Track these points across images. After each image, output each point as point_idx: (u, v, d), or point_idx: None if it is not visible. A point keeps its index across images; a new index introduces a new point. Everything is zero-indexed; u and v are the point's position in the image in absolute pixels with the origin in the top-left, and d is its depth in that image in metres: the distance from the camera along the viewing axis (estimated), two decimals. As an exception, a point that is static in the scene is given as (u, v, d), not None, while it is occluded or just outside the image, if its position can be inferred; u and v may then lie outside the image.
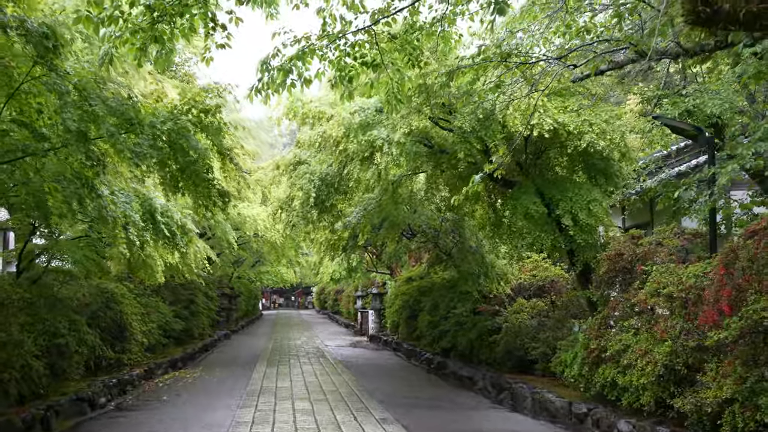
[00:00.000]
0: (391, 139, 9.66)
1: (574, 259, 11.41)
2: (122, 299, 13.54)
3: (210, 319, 24.50)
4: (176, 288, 20.19)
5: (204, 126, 7.92)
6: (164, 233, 8.65)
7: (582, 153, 11.15)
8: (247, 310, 43.99)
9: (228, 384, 14.03)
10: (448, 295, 17.63)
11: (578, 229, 10.78)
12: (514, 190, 11.18)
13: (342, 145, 10.14)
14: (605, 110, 10.62)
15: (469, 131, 9.87)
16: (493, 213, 12.90)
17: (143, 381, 14.01)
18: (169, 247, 9.46)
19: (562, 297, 13.38)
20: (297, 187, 11.37)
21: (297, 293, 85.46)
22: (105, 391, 11.47)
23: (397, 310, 23.01)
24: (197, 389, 13.31)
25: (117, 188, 7.77)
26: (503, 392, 12.49)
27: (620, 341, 9.15)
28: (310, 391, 12.66)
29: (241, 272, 35.19)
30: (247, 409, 10.75)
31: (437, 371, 16.77)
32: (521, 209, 10.81)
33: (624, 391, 8.96)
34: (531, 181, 11.21)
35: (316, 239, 15.09)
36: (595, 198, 10.72)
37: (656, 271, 8.86)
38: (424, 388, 14.04)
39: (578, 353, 10.31)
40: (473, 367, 14.78)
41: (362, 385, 13.77)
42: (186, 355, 18.39)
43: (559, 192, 11.01)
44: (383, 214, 13.21)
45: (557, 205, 10.90)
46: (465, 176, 12.41)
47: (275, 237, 20.52)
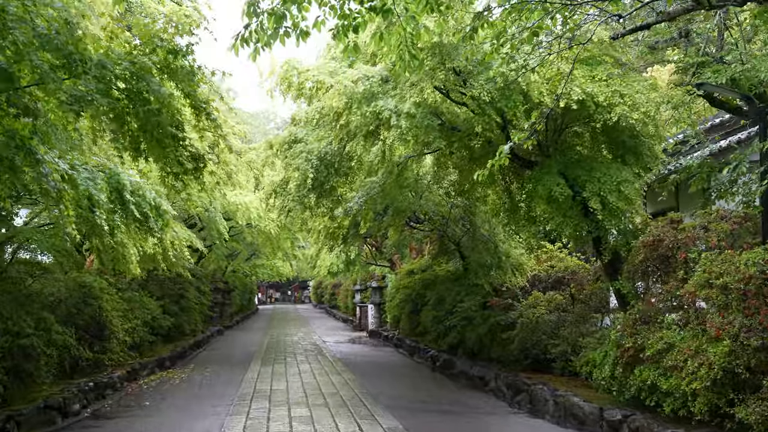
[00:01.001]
0: (399, 110, 8.47)
1: (601, 247, 10.26)
2: (102, 294, 12.36)
3: (202, 314, 23.34)
4: (164, 282, 19.03)
5: (172, 70, 6.57)
6: (134, 215, 7.38)
7: (608, 129, 10.03)
8: (242, 304, 42.84)
9: (219, 386, 12.88)
10: (455, 288, 16.51)
11: (607, 214, 9.64)
12: (534, 171, 10.02)
13: (343, 119, 8.96)
14: (638, 80, 9.47)
15: (488, 102, 8.70)
16: (508, 197, 11.74)
17: (126, 383, 12.86)
18: (141, 233, 8.21)
19: (584, 289, 12.23)
20: (293, 167, 10.17)
21: (293, 287, 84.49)
22: (79, 397, 10.30)
23: (398, 305, 21.89)
24: (184, 392, 12.16)
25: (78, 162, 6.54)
26: (520, 394, 11.36)
27: (661, 339, 8.02)
28: (308, 395, 11.51)
29: (235, 266, 34.00)
30: (237, 417, 9.59)
31: (443, 370, 15.65)
32: (543, 191, 9.66)
33: (666, 396, 7.84)
34: (554, 160, 10.05)
35: (313, 228, 13.88)
36: (626, 178, 9.57)
37: (706, 259, 7.71)
38: (432, 390, 12.91)
39: (609, 352, 9.18)
40: (483, 366, 13.65)
41: (364, 386, 12.63)
42: (175, 353, 17.24)
43: (585, 172, 9.85)
44: (387, 200, 12.02)
45: (583, 187, 9.75)
46: (478, 157, 11.29)
47: (270, 227, 19.23)
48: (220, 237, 17.45)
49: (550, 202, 9.80)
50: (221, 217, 16.92)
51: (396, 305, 22.20)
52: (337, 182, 10.83)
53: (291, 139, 10.54)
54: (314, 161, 9.98)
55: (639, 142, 10.17)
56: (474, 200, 13.04)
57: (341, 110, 8.92)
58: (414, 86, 8.59)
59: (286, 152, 10.51)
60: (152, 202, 7.48)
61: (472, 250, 14.02)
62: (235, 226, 21.52)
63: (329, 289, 48.87)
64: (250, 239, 24.94)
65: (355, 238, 13.60)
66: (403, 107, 8.51)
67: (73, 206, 6.16)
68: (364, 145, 9.22)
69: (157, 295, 18.11)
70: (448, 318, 16.05)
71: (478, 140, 10.41)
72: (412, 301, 20.26)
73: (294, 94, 9.88)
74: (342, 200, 11.77)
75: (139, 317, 14.77)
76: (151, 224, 7.51)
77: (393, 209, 12.65)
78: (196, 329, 22.34)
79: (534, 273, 14.20)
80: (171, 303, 19.07)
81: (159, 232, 7.70)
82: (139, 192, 7.42)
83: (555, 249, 14.66)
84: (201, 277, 24.20)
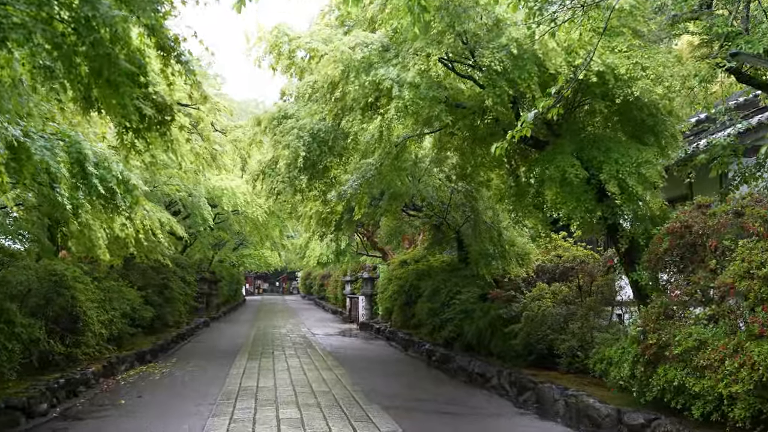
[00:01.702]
0: (402, 80, 7.59)
1: (618, 235, 9.45)
2: (75, 283, 11.44)
3: (187, 305, 22.47)
4: (147, 271, 18.14)
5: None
6: (98, 190, 6.39)
7: (625, 107, 9.23)
8: (229, 295, 41.96)
9: (202, 382, 12.02)
10: (452, 279, 15.71)
11: (626, 198, 8.84)
12: (546, 151, 9.19)
13: (339, 90, 8.07)
14: (660, 52, 8.63)
15: (499, 72, 7.85)
16: (513, 182, 10.92)
17: (102, 379, 11.97)
18: (107, 212, 7.22)
19: (595, 281, 11.44)
20: (282, 145, 9.25)
21: (282, 278, 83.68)
22: (47, 395, 9.41)
23: (390, 296, 21.11)
24: (164, 389, 11.29)
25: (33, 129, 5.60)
26: (525, 393, 10.58)
27: (690, 336, 7.23)
28: (297, 393, 10.66)
29: (222, 255, 33.09)
30: (220, 418, 8.74)
31: (440, 365, 14.85)
32: (556, 173, 8.84)
33: (696, 398, 7.06)
34: (567, 140, 9.22)
35: (304, 213, 12.98)
36: (647, 159, 8.76)
37: (744, 248, 6.92)
38: (429, 387, 12.10)
39: (628, 349, 8.38)
40: (483, 361, 12.85)
41: (358, 383, 11.80)
42: (157, 346, 16.35)
43: (601, 153, 9.04)
44: (384, 184, 11.15)
45: (599, 169, 8.94)
46: (483, 137, 10.49)
47: (257, 213, 18.26)
48: (205, 224, 16.50)
49: (563, 185, 8.98)
50: (205, 202, 15.97)
51: (388, 297, 21.42)
52: (330, 162, 9.93)
53: (280, 114, 9.63)
54: (306, 138, 9.08)
55: (659, 120, 9.37)
56: (476, 185, 12.19)
57: (337, 80, 8.02)
58: (418, 54, 7.71)
59: (275, 129, 9.60)
60: (119, 176, 6.50)
61: (473, 239, 13.19)
62: (221, 212, 20.55)
63: (318, 280, 48.10)
64: (237, 228, 24.02)
65: (349, 225, 12.72)
66: (406, 76, 7.63)
67: (29, 180, 5.28)
68: (362, 119, 8.34)
69: (139, 285, 17.21)
70: (444, 310, 15.26)
71: (485, 118, 9.60)
72: (406, 292, 19.48)
73: (284, 64, 8.99)
74: (336, 183, 10.88)
75: (117, 308, 13.86)
76: (118, 201, 6.52)
77: (389, 194, 11.79)
78: (180, 321, 21.47)
79: (538, 263, 13.41)
80: (153, 293, 18.19)
81: (127, 211, 6.73)
82: (104, 164, 6.45)
83: (559, 238, 13.88)
84: (186, 266, 23.31)
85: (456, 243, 15.35)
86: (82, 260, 13.72)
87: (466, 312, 14.30)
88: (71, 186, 6.00)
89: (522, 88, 8.04)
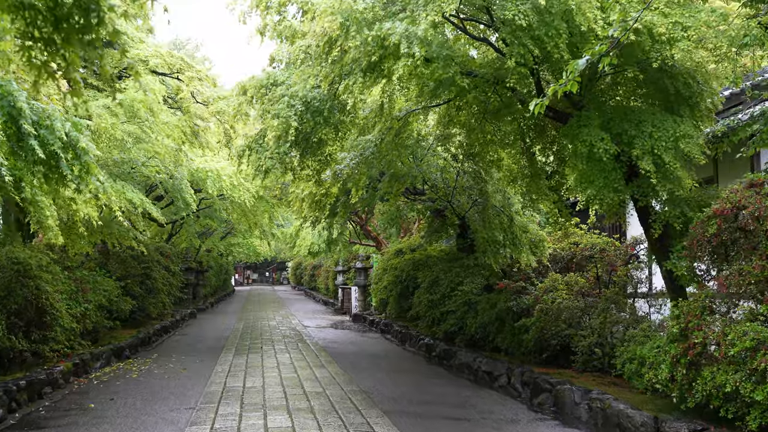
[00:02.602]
0: (411, 34, 6.48)
1: (650, 218, 8.40)
2: (41, 273, 10.30)
3: (172, 296, 21.32)
4: (127, 260, 17.03)
5: None
6: (37, 155, 5.16)
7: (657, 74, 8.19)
8: (217, 286, 40.82)
9: (183, 381, 10.94)
10: (453, 269, 14.66)
11: (661, 177, 7.78)
12: (570, 124, 8.10)
13: (337, 48, 6.94)
14: (703, 10, 7.55)
15: (524, 28, 6.76)
16: (528, 161, 9.85)
17: (72, 378, 10.89)
18: (50, 182, 5.97)
19: (616, 271, 10.41)
20: (271, 115, 8.08)
21: (271, 268, 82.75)
22: (4, 399, 8.31)
23: (385, 287, 20.03)
24: (140, 390, 10.20)
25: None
26: (541, 394, 9.55)
27: (745, 334, 6.21)
28: (288, 395, 9.59)
29: (209, 244, 31.96)
30: (199, 427, 7.65)
31: (441, 361, 13.83)
32: (582, 149, 7.76)
33: (752, 406, 6.06)
34: (593, 111, 8.14)
35: (295, 196, 11.83)
36: (686, 133, 7.72)
37: (815, 231, 5.90)
38: (434, 387, 11.06)
39: (665, 348, 7.36)
40: (490, 358, 11.82)
41: (354, 382, 10.76)
42: (137, 340, 15.23)
43: (632, 126, 7.97)
44: (384, 163, 10.05)
45: (630, 144, 7.87)
46: (495, 111, 9.43)
47: (244, 197, 17.01)
48: (188, 208, 15.30)
49: (590, 162, 7.91)
50: (188, 185, 14.77)
51: (383, 287, 20.36)
52: (326, 135, 8.79)
53: (269, 81, 8.49)
54: (298, 107, 7.94)
55: (695, 90, 8.31)
56: (486, 165, 11.10)
57: (335, 35, 6.89)
58: (430, 2, 6.58)
59: (263, 98, 8.46)
60: (64, 137, 5.30)
61: (481, 224, 12.10)
62: (206, 197, 19.35)
63: (309, 270, 47.11)
64: (224, 215, 22.84)
65: (344, 208, 11.57)
66: (416, 30, 6.50)
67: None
68: (363, 83, 7.22)
69: (118, 275, 16.09)
70: (445, 302, 14.24)
71: (500, 88, 8.52)
72: (402, 283, 18.44)
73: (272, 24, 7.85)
74: (331, 161, 9.76)
75: (92, 300, 12.72)
76: (63, 169, 5.33)
77: (390, 175, 10.67)
78: (164, 312, 20.35)
79: (549, 251, 12.36)
80: (134, 284, 17.06)
81: (75, 182, 5.54)
82: (44, 122, 5.26)
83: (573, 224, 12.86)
84: (170, 255, 22.17)
85: (458, 230, 14.25)
86: (52, 248, 12.58)
87: (469, 304, 13.30)
88: (9, 151, 4.88)
89: (549, 47, 6.93)
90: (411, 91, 9.39)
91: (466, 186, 12.21)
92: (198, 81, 11.36)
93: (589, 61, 4.43)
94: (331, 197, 10.78)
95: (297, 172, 9.69)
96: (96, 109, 8.34)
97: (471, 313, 13.22)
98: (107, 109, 8.61)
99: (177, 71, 10.85)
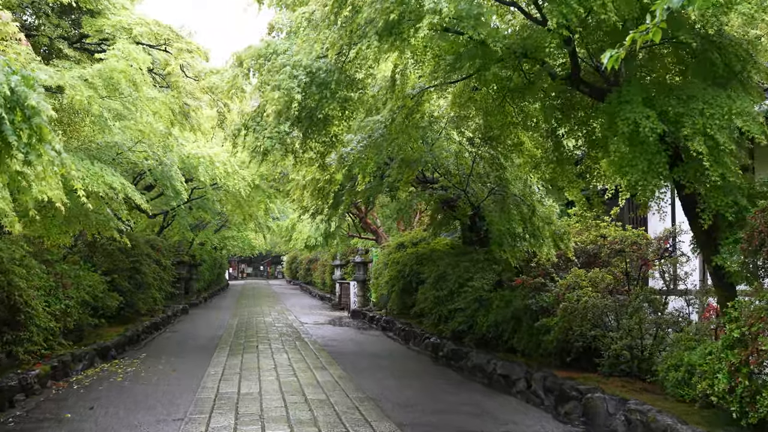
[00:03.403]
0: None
1: (698, 207, 7.46)
2: (13, 267, 9.33)
3: (163, 291, 20.34)
4: (114, 253, 16.03)
5: None
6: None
7: (706, 45, 7.27)
8: (210, 280, 39.84)
9: (171, 386, 9.99)
10: (461, 264, 13.71)
11: (713, 160, 6.84)
12: (609, 100, 7.16)
13: (349, 5, 5.98)
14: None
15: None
16: (553, 144, 8.91)
17: (51, 382, 9.93)
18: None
19: (650, 266, 9.50)
20: (271, 86, 7.07)
21: (266, 262, 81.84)
22: (-33, 410, 7.35)
23: (387, 282, 19.12)
24: (125, 396, 9.24)
25: None
26: (567, 402, 8.64)
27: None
28: (288, 403, 8.64)
29: (203, 237, 30.90)
30: (188, 443, 6.72)
31: (450, 362, 12.92)
32: (625, 127, 6.82)
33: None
34: (633, 87, 7.20)
35: (295, 184, 10.84)
36: (743, 109, 6.78)
37: None
38: (445, 392, 10.13)
39: (721, 355, 6.45)
40: (505, 360, 10.91)
41: (360, 388, 9.84)
42: (124, 338, 14.27)
43: (679, 103, 7.03)
44: (394, 147, 9.07)
45: (677, 123, 6.94)
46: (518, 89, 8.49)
47: (239, 186, 15.84)
48: (178, 197, 14.24)
49: (633, 144, 6.96)
50: (178, 171, 13.67)
51: (384, 283, 19.45)
52: (332, 110, 7.79)
53: (269, 51, 7.48)
54: (302, 78, 6.95)
55: (749, 64, 7.38)
56: (505, 150, 10.13)
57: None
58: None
59: (262, 69, 7.48)
60: (8, 92, 4.24)
61: (498, 215, 11.14)
62: (198, 186, 18.27)
63: (304, 264, 46.22)
64: (218, 206, 21.82)
65: (350, 197, 10.59)
66: (440, -14, 5.55)
67: None
68: (379, 47, 6.25)
69: (104, 269, 15.11)
70: (455, 300, 13.30)
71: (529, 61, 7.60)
72: (404, 278, 17.52)
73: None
74: (337, 143, 8.78)
75: (74, 296, 11.74)
76: (7, 134, 4.21)
77: (399, 160, 9.70)
78: (154, 308, 19.38)
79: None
80: (122, 278, 16.09)
81: (23, 150, 4.46)
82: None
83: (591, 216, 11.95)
84: (162, 248, 21.20)
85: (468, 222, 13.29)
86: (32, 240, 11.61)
87: (480, 301, 12.39)
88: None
89: (595, 5, 5.97)
90: (425, 66, 8.44)
91: (482, 173, 11.24)
92: (188, 53, 10.32)
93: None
94: (335, 184, 9.79)
95: (299, 155, 8.70)
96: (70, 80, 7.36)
97: (482, 310, 12.32)
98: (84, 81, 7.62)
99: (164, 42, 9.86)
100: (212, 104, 12.03)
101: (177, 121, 10.86)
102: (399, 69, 7.87)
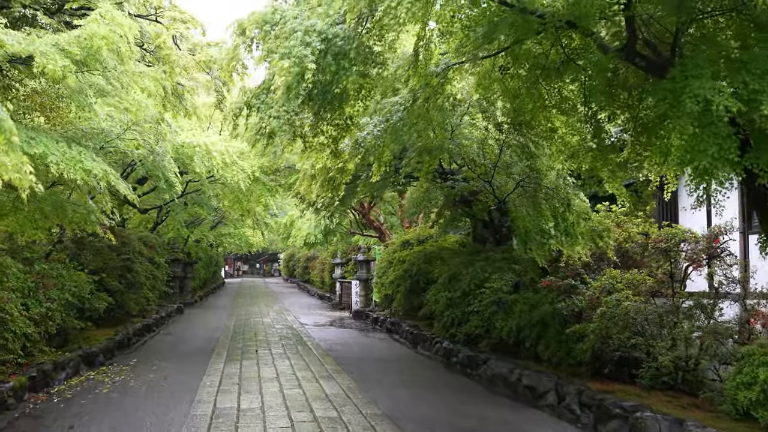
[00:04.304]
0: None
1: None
2: (-14, 267, 8.31)
3: (156, 290, 19.30)
4: (103, 250, 14.99)
5: None
6: None
7: None
8: (206, 278, 38.73)
9: (163, 399, 8.98)
10: (475, 263, 12.73)
11: (795, 146, 5.86)
12: (672, 75, 6.16)
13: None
14: None
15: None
16: (594, 130, 7.90)
17: (29, 395, 8.91)
18: None
19: (701, 268, 8.51)
20: (279, 55, 6.03)
21: (263, 260, 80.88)
22: (-77, 434, 6.32)
23: (392, 282, 18.15)
24: (110, 411, 8.23)
25: None
26: (609, 421, 7.66)
27: None
28: (294, 422, 7.63)
29: (198, 234, 29.80)
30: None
31: (465, 369, 11.92)
32: (694, 105, 5.82)
33: None
34: (699, 59, 6.19)
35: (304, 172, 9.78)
36: (833, 87, 5.78)
37: None
38: (467, 406, 9.13)
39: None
40: (527, 368, 9.93)
41: (375, 402, 8.84)
42: (113, 343, 13.22)
43: (755, 79, 6.03)
44: (413, 132, 8.03)
45: (753, 102, 5.94)
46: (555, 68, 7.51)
47: (238, 178, 14.65)
48: (172, 189, 13.13)
49: (701, 125, 5.96)
50: (171, 161, 12.55)
51: (389, 282, 18.46)
52: (351, 84, 6.74)
53: (276, 17, 6.45)
54: (316, 44, 5.90)
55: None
56: (536, 137, 9.12)
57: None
58: None
59: (267, 36, 6.45)
60: None
61: (528, 209, 10.12)
62: (193, 179, 17.18)
63: (302, 262, 45.18)
64: (214, 202, 20.74)
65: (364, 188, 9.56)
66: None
67: None
68: (407, 8, 5.24)
69: (92, 268, 14.05)
70: (468, 301, 12.32)
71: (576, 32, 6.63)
72: (411, 278, 16.56)
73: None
74: (352, 125, 7.74)
75: (56, 297, 10.70)
76: None
77: (420, 147, 8.69)
78: (147, 309, 18.35)
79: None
80: (112, 277, 15.04)
81: None
82: None
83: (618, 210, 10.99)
84: (155, 246, 20.16)
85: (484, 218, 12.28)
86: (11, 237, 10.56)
87: (498, 304, 11.42)
88: None
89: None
90: (451, 41, 7.44)
91: (509, 162, 10.22)
92: (182, 24, 9.27)
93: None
94: (348, 174, 8.74)
95: (308, 140, 7.64)
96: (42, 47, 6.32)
97: (500, 314, 11.36)
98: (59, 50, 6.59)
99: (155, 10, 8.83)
100: (209, 86, 10.91)
101: (169, 103, 9.81)
102: (422, 43, 6.86)
